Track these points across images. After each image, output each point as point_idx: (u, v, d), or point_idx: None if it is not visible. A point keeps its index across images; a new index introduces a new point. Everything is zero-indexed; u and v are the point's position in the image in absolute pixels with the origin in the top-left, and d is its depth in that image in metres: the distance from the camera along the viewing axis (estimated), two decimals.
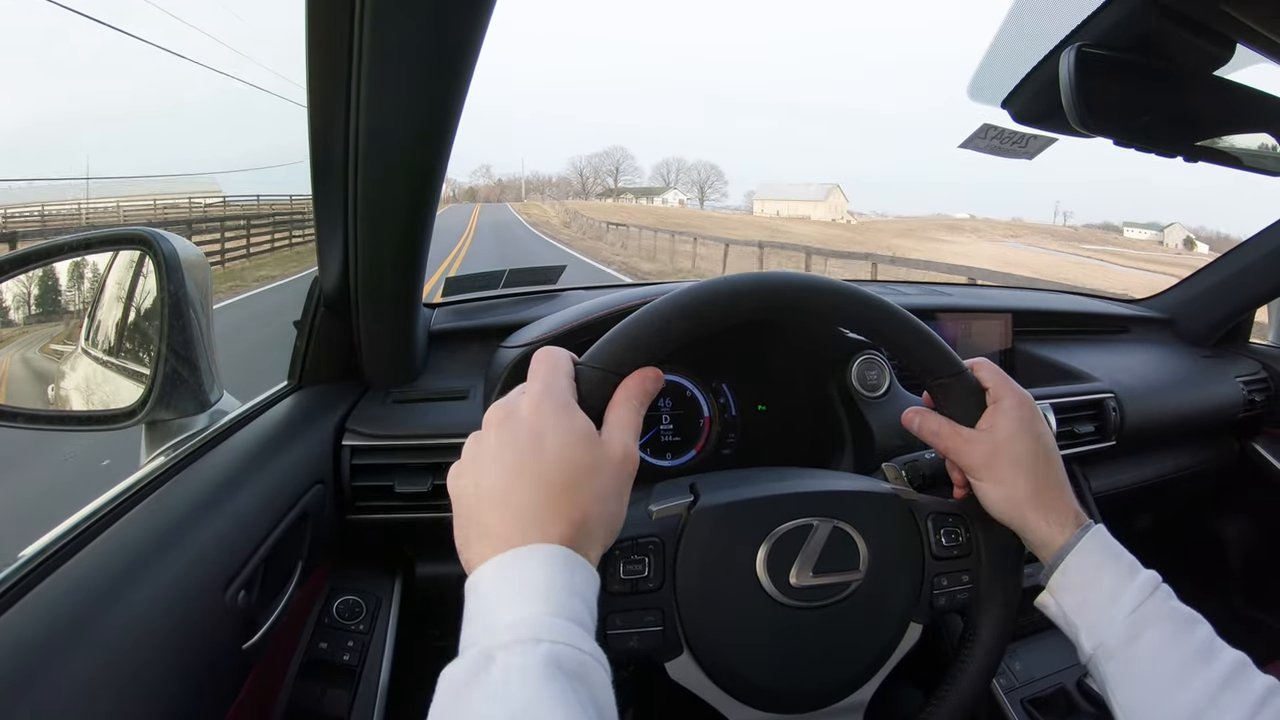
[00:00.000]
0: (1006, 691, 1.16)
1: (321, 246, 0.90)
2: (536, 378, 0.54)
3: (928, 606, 0.67)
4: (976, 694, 0.67)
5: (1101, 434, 1.38)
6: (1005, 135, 0.98)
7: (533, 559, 0.48)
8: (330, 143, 0.75)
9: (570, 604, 0.46)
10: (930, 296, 1.58)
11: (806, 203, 73.38)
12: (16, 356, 0.89)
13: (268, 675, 0.79)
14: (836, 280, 0.65)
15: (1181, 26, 0.62)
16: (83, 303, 0.91)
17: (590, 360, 0.57)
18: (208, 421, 0.88)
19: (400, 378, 1.09)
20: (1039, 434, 0.65)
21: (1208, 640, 0.58)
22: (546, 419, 0.51)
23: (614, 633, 0.59)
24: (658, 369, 0.57)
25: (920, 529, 0.67)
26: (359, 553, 1.03)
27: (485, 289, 1.37)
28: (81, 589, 0.57)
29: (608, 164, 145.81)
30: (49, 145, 79.01)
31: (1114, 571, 0.62)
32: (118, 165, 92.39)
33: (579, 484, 0.50)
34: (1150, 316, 1.81)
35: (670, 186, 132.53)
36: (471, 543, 0.50)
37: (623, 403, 0.55)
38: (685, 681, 0.62)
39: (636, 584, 0.60)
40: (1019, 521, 0.64)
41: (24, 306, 0.86)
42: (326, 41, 0.65)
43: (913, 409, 0.69)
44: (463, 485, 0.53)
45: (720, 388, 1.16)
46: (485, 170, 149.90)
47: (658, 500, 0.64)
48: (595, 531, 0.51)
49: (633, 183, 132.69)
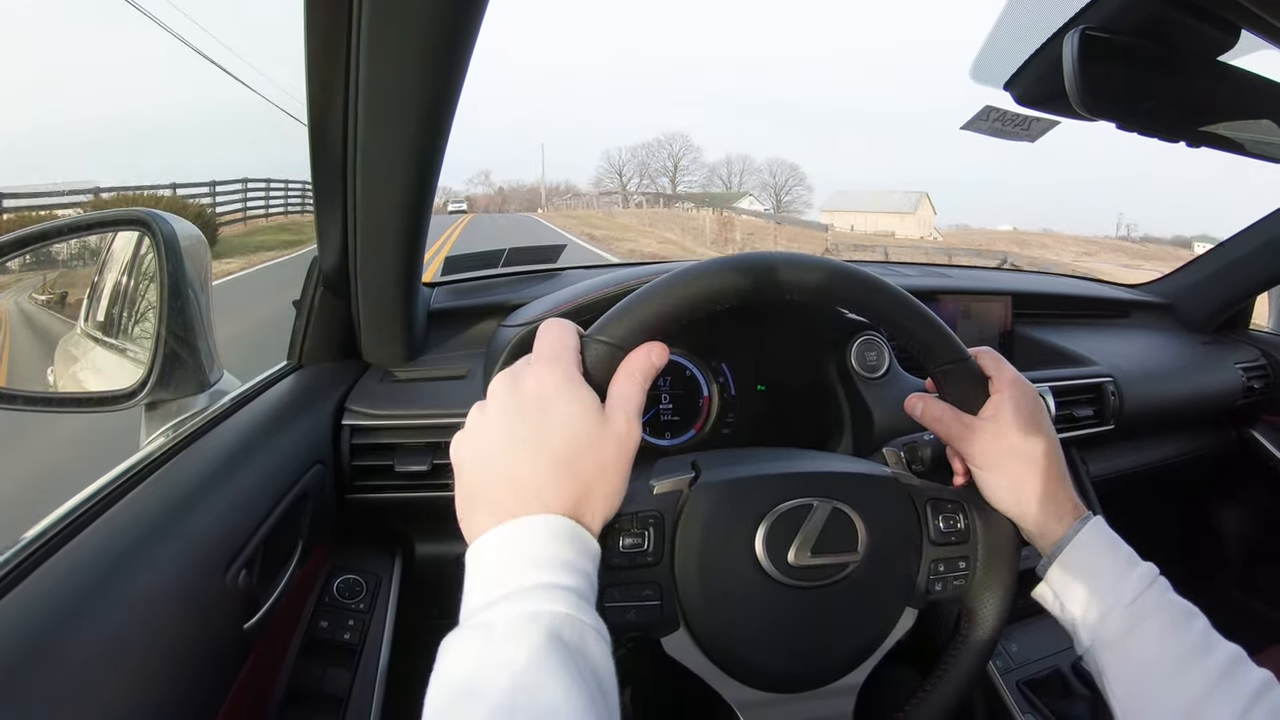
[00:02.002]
0: (1002, 673, 1.17)
1: (320, 225, 0.90)
2: (542, 349, 0.54)
3: (924, 591, 0.67)
4: (970, 680, 0.68)
5: (1100, 418, 1.38)
6: (1007, 117, 0.97)
7: (534, 529, 0.48)
8: (328, 120, 0.74)
9: (571, 575, 0.47)
10: (930, 278, 1.58)
11: (890, 214, 60.95)
12: (16, 337, 0.89)
13: (269, 654, 0.80)
14: (841, 261, 0.65)
15: (1186, 11, 0.61)
16: (82, 284, 0.91)
17: (596, 333, 0.56)
18: (207, 402, 0.88)
19: (399, 357, 1.08)
20: (1041, 425, 0.65)
21: (1204, 633, 0.58)
22: (550, 390, 0.51)
23: (611, 605, 0.59)
24: (663, 344, 0.57)
25: (919, 514, 0.67)
26: (359, 532, 1.03)
27: (485, 268, 1.37)
28: (83, 570, 0.57)
29: (658, 159, 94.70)
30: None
31: (1112, 563, 0.62)
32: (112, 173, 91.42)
33: (582, 456, 0.50)
34: (1150, 301, 1.81)
35: (744, 192, 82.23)
36: (474, 512, 0.51)
37: (626, 377, 0.55)
38: (681, 657, 0.62)
39: (635, 558, 0.60)
40: (1017, 511, 0.65)
41: (23, 288, 0.86)
42: (324, 17, 0.65)
43: (916, 394, 0.69)
44: (465, 454, 0.53)
45: (720, 367, 1.16)
46: (484, 177, 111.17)
47: (659, 476, 0.64)
48: (597, 504, 0.51)
49: (690, 187, 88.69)
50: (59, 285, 0.91)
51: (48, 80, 75.32)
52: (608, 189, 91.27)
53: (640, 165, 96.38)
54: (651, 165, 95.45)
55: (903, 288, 0.64)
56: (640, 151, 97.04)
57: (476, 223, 36.77)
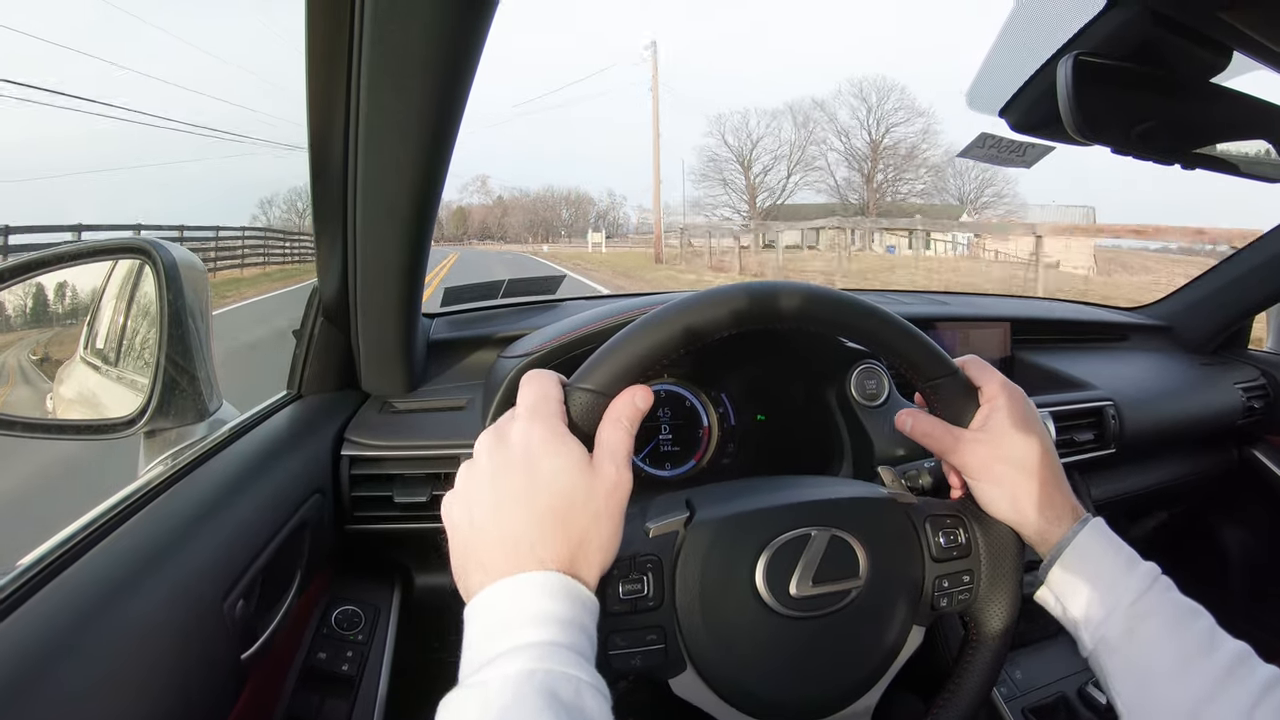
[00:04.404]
0: (1007, 700, 1.16)
1: (320, 256, 0.91)
2: (525, 403, 0.54)
3: (929, 609, 0.67)
4: (985, 690, 0.67)
5: (1101, 442, 1.38)
6: (1003, 144, 0.98)
7: (529, 587, 0.48)
8: (329, 151, 0.75)
9: (567, 631, 0.47)
10: (929, 305, 1.59)
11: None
12: (15, 365, 0.89)
13: (266, 685, 0.79)
14: (822, 286, 0.65)
15: (1178, 34, 0.62)
16: (82, 312, 0.91)
17: (578, 382, 0.56)
18: (207, 431, 0.88)
19: (399, 387, 1.08)
20: (1033, 430, 0.65)
21: (1209, 631, 0.58)
22: (537, 446, 0.51)
23: (616, 652, 0.58)
24: (646, 387, 0.56)
25: (918, 532, 0.67)
26: (358, 563, 1.03)
27: (484, 299, 1.37)
28: (79, 598, 0.57)
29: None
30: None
31: (1113, 564, 0.62)
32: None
33: (573, 509, 0.50)
34: (1149, 324, 1.81)
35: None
36: (469, 571, 0.51)
37: (612, 425, 0.54)
38: (691, 698, 0.62)
39: (636, 603, 0.60)
40: (1016, 518, 0.65)
41: (23, 315, 0.87)
42: (325, 48, 0.65)
43: (905, 410, 0.69)
44: (457, 514, 0.53)
45: (720, 397, 1.16)
46: (480, 184, 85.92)
47: (654, 517, 0.64)
48: (592, 556, 0.51)
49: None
50: (60, 312, 0.91)
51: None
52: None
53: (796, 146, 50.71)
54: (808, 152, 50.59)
55: (900, 315, 0.64)
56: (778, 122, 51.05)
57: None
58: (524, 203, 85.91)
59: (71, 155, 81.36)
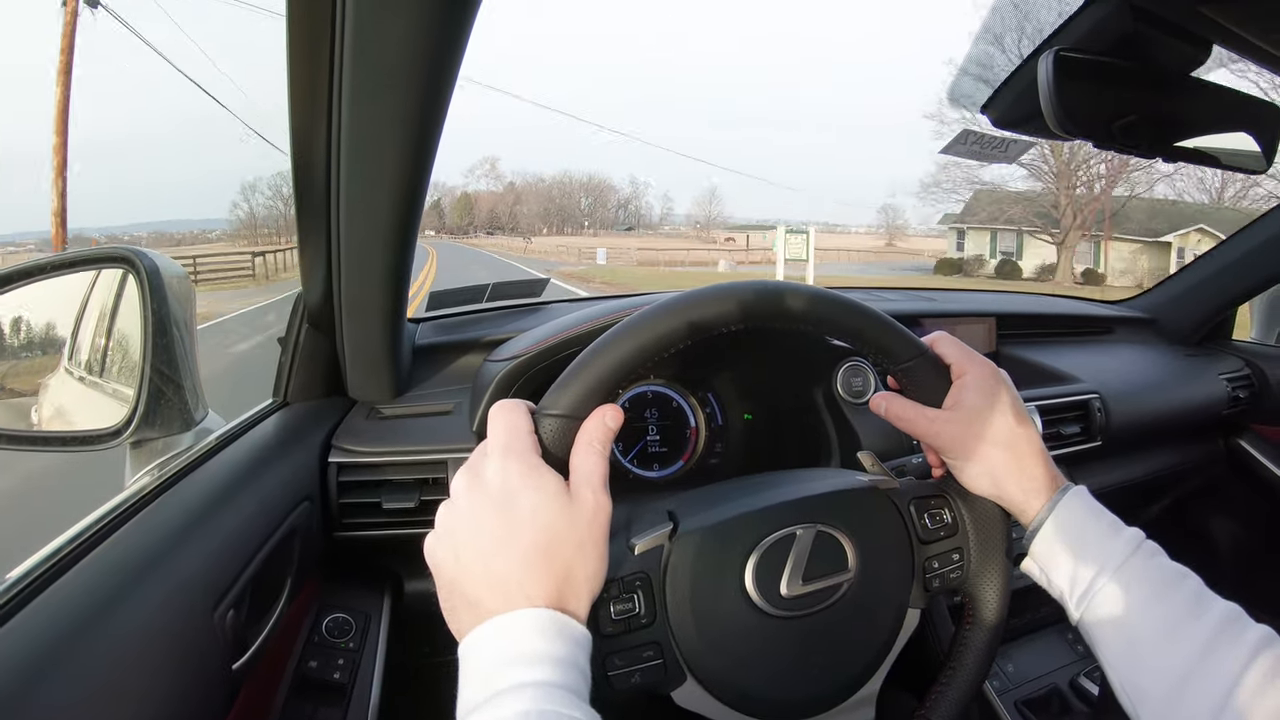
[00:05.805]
0: (1000, 693, 1.16)
1: (304, 262, 0.90)
2: (496, 437, 0.53)
3: (923, 590, 0.67)
4: (986, 666, 0.67)
5: (1087, 435, 1.39)
6: (985, 140, 0.99)
7: (518, 626, 0.47)
8: (311, 157, 0.75)
9: (559, 670, 0.46)
10: (914, 302, 1.59)
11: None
12: None
13: (258, 695, 0.78)
14: (783, 281, 0.64)
15: (1158, 28, 0.63)
16: (65, 322, 0.91)
17: (547, 409, 0.55)
18: (193, 440, 0.87)
19: (386, 393, 1.08)
20: (1005, 403, 0.64)
21: (1196, 594, 0.58)
22: (514, 481, 0.51)
23: (615, 673, 0.58)
24: (616, 406, 0.56)
25: (904, 516, 0.67)
26: (348, 570, 1.02)
27: (469, 303, 1.37)
28: (69, 611, 0.56)
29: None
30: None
31: (1095, 531, 0.62)
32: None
33: (556, 544, 0.50)
34: (1133, 316, 1.83)
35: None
36: (458, 612, 0.50)
37: (585, 449, 0.54)
38: (694, 707, 0.62)
39: (630, 622, 0.59)
40: (996, 493, 0.65)
41: (5, 326, 0.86)
42: (306, 55, 0.65)
43: (880, 394, 0.69)
44: (441, 555, 0.52)
45: (707, 397, 1.16)
46: (489, 166, 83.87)
47: (638, 534, 0.63)
48: (580, 587, 0.51)
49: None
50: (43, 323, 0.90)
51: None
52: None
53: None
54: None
55: (885, 311, 0.64)
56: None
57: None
58: (539, 189, 79.02)
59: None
